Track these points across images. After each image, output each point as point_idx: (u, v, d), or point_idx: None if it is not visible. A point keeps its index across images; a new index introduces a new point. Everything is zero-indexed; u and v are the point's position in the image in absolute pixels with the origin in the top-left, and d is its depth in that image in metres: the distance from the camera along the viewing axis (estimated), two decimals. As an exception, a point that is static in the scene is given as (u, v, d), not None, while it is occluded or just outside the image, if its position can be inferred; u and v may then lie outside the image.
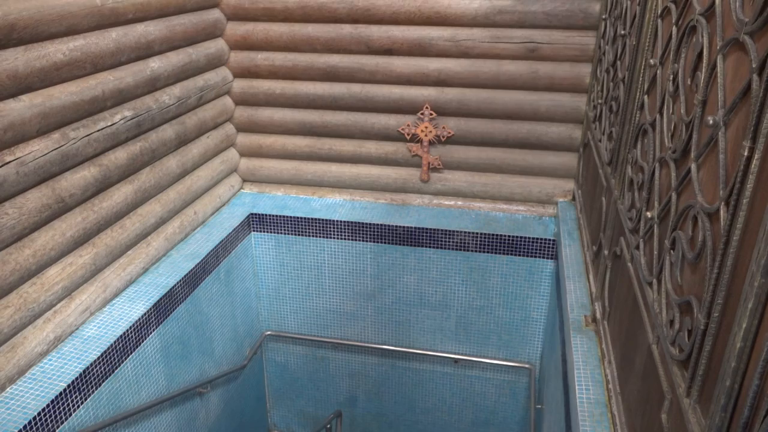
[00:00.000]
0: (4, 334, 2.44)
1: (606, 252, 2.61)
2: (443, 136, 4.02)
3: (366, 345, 4.44)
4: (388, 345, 4.40)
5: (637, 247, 2.01)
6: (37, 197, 2.57)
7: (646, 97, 2.22)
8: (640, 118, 2.29)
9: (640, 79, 2.31)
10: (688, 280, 1.50)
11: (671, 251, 1.62)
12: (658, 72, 2.06)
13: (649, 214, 1.92)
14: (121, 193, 3.14)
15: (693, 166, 1.52)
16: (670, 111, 1.84)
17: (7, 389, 2.48)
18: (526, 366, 4.18)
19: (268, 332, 4.59)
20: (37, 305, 2.61)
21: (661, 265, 1.70)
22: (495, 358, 4.24)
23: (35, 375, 2.58)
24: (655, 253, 1.79)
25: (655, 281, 1.75)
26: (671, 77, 1.84)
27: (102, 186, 2.99)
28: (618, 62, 2.84)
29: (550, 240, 3.84)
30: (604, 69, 3.19)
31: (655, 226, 1.83)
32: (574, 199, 3.98)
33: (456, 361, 4.31)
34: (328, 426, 3.62)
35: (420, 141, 4.07)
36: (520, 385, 4.29)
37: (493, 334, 4.19)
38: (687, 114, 1.65)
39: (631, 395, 1.94)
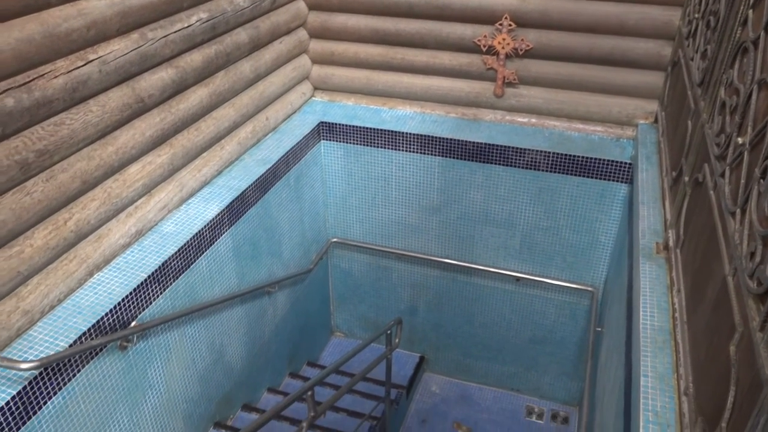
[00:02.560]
0: (91, 225, 2.61)
1: (686, 178, 2.49)
2: (521, 49, 3.84)
3: (429, 257, 4.51)
4: (451, 259, 4.45)
5: (722, 175, 1.90)
6: (119, 96, 2.66)
7: (750, 11, 2.03)
8: (741, 34, 2.10)
9: (747, -10, 2.10)
10: (776, 211, 1.42)
11: (761, 180, 1.53)
12: (768, -17, 1.86)
13: (740, 140, 1.80)
14: (196, 96, 3.20)
15: (797, 90, 1.40)
16: (778, 27, 1.68)
17: (95, 276, 2.68)
18: (589, 289, 4.15)
19: (334, 239, 4.71)
20: (120, 200, 2.76)
21: (748, 195, 1.61)
22: (558, 279, 4.22)
23: (119, 265, 2.76)
24: (743, 181, 1.70)
25: (738, 211, 1.67)
26: (784, -11, 1.67)
27: (179, 88, 3.05)
28: (722, -28, 2.59)
29: (626, 163, 3.70)
30: (706, -21, 2.92)
31: (746, 153, 1.72)
32: (656, 121, 3.78)
33: (518, 279, 4.32)
34: (389, 332, 3.75)
35: (496, 53, 3.91)
36: (581, 307, 4.28)
37: (558, 255, 4.16)
38: (798, 31, 1.50)
39: (698, 325, 1.90)
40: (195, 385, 3.29)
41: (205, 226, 3.10)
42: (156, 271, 2.77)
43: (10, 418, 2.12)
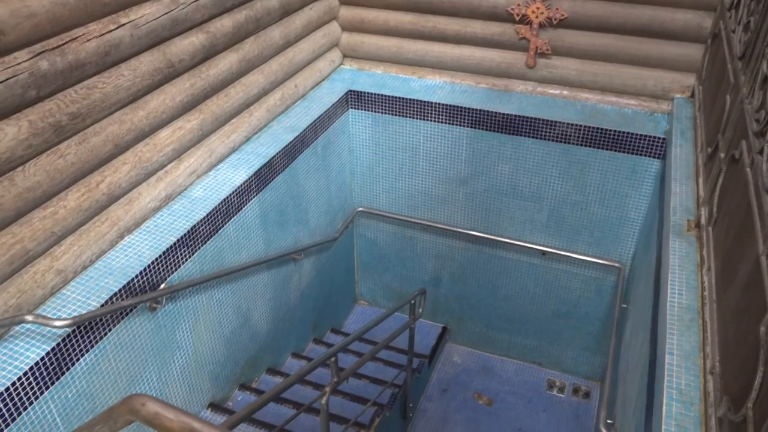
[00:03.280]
0: (122, 188, 2.65)
1: (722, 155, 2.43)
2: (555, 19, 3.75)
3: (454, 229, 4.50)
4: (477, 231, 4.43)
5: (761, 152, 1.85)
6: (150, 61, 2.67)
7: (799, -19, 1.95)
8: (788, 6, 2.02)
9: (796, -41, 2.02)
10: (815, 191, 1.37)
11: (801, 158, 1.48)
12: (820, -48, 1.78)
13: (780, 117, 1.74)
14: (226, 62, 3.20)
15: None
16: (828, -1, 1.61)
17: (125, 238, 2.73)
18: (616, 265, 4.11)
19: (360, 209, 4.72)
20: (150, 164, 2.79)
21: (786, 173, 1.57)
22: (584, 254, 4.18)
23: (149, 228, 2.81)
24: (782, 159, 1.65)
25: (775, 190, 1.63)
26: (837, -42, 1.59)
27: (209, 53, 3.06)
28: (771, -61, 2.48)
29: (659, 138, 3.62)
30: (753, -53, 2.80)
31: (787, 130, 1.67)
32: (692, 95, 3.68)
33: (543, 253, 4.30)
34: (412, 302, 3.77)
35: (529, 23, 3.83)
36: (607, 283, 4.25)
37: (585, 230, 4.12)
38: None
39: (728, 305, 1.87)
40: (221, 348, 3.36)
41: (233, 192, 3.13)
42: (185, 235, 2.82)
43: (45, 373, 2.19)
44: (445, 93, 4.12)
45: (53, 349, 2.21)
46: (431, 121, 4.11)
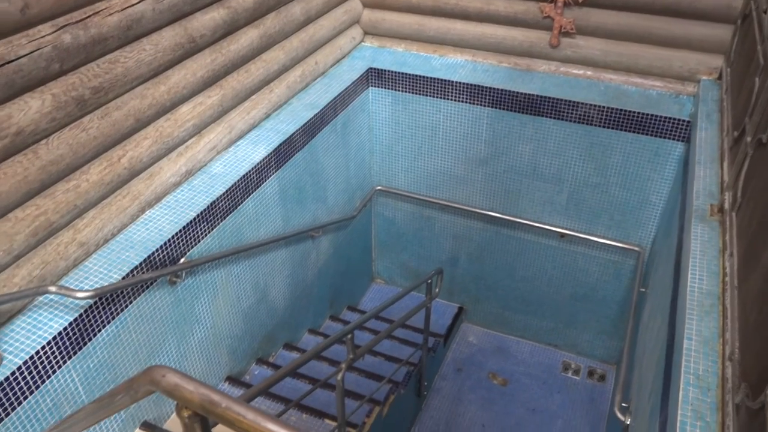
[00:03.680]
0: (143, 163, 2.67)
1: (749, 139, 2.38)
2: (581, -3, 3.68)
3: (473, 209, 4.48)
4: (495, 212, 4.41)
5: (789, 136, 1.81)
6: (171, 36, 2.67)
7: (837, -40, 1.88)
8: (823, -14, 1.96)
9: (835, -63, 1.95)
10: None
11: (832, 144, 1.45)
12: None
13: (811, 100, 1.70)
14: (247, 38, 3.19)
15: None
16: None
17: (146, 212, 2.76)
18: (636, 249, 4.07)
19: (379, 187, 4.72)
20: (171, 140, 2.80)
21: (816, 158, 1.53)
22: (604, 237, 4.15)
23: (169, 203, 2.83)
24: (811, 144, 1.61)
25: (803, 175, 1.59)
26: None
27: (230, 29, 3.05)
28: None
29: (684, 121, 3.55)
30: (789, -76, 2.72)
31: (817, 114, 1.63)
32: (720, 78, 3.60)
33: (562, 235, 4.27)
34: (429, 281, 3.77)
35: (554, 1, 3.75)
36: (626, 267, 4.21)
37: (605, 213, 4.08)
38: None
39: (750, 291, 1.85)
40: (239, 322, 3.40)
41: (252, 169, 3.14)
42: (204, 210, 2.84)
43: (68, 343, 2.24)
44: (466, 72, 4.08)
45: (76, 319, 2.26)
46: (452, 100, 4.08)
